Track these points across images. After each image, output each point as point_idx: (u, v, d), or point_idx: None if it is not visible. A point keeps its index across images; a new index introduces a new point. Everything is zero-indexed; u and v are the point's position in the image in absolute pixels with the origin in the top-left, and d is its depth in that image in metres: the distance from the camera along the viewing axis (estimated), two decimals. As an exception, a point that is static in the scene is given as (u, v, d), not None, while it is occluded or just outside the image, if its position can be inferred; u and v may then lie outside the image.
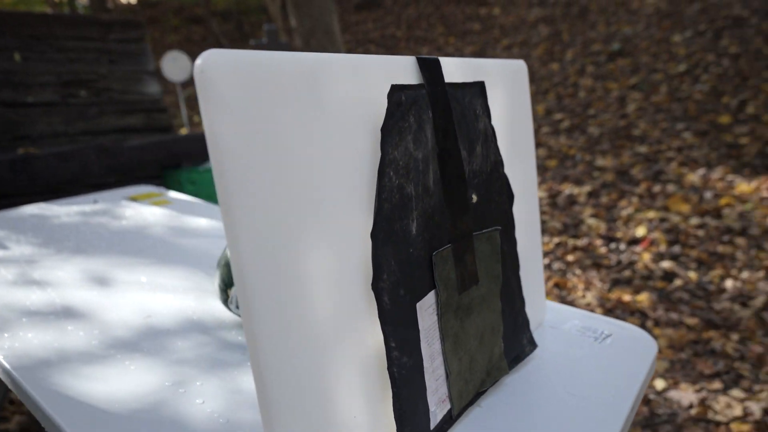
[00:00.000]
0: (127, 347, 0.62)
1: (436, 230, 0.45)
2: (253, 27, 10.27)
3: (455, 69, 0.49)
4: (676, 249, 2.24)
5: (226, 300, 0.65)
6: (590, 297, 1.97)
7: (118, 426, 0.48)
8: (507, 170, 0.58)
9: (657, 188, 2.86)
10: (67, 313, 0.71)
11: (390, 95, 0.39)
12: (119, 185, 2.45)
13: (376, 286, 0.39)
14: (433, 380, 0.45)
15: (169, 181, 2.50)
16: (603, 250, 2.34)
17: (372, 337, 0.40)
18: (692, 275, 2.04)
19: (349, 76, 0.37)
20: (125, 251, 0.96)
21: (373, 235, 0.38)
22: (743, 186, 2.71)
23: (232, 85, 0.29)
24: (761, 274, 1.99)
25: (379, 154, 0.40)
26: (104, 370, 0.57)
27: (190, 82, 7.97)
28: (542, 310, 0.67)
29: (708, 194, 2.70)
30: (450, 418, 0.47)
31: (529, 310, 0.62)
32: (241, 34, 10.09)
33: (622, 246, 2.34)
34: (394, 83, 0.41)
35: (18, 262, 0.91)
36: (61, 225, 1.13)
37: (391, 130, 0.40)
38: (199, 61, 0.28)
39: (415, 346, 0.42)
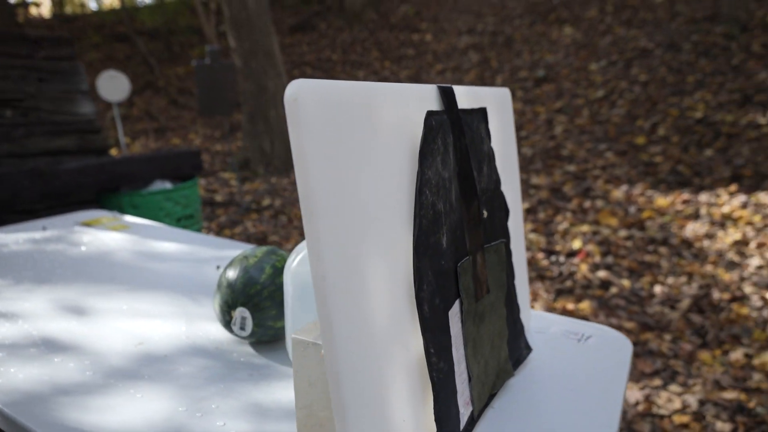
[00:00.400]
0: (127, 376, 0.60)
1: (459, 243, 0.49)
2: (183, 47, 9.98)
3: (461, 96, 0.54)
4: (609, 259, 2.43)
5: (228, 322, 0.65)
6: (538, 307, 2.09)
7: (141, 454, 0.47)
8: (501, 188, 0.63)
9: (587, 204, 3.09)
10: (49, 345, 0.67)
11: (425, 120, 0.43)
12: (51, 211, 2.29)
13: (418, 295, 0.42)
14: (460, 383, 0.48)
15: (108, 206, 2.37)
16: (545, 262, 2.48)
17: (413, 344, 0.43)
18: (625, 283, 2.22)
19: (392, 102, 0.41)
20: (94, 279, 0.91)
21: (415, 248, 0.42)
22: (661, 200, 2.99)
23: (317, 112, 0.31)
24: (684, 279, 2.21)
25: (413, 173, 0.44)
26: (109, 401, 0.55)
27: (124, 102, 7.57)
28: (529, 317, 0.72)
29: (632, 208, 2.95)
30: (472, 419, 0.50)
31: (521, 316, 0.68)
32: (171, 54, 9.78)
33: (562, 258, 2.51)
34: (420, 109, 0.45)
35: (-28, 295, 0.84)
36: (11, 254, 1.05)
37: (426, 152, 0.43)
38: (289, 90, 0.30)
39: (448, 351, 0.45)
